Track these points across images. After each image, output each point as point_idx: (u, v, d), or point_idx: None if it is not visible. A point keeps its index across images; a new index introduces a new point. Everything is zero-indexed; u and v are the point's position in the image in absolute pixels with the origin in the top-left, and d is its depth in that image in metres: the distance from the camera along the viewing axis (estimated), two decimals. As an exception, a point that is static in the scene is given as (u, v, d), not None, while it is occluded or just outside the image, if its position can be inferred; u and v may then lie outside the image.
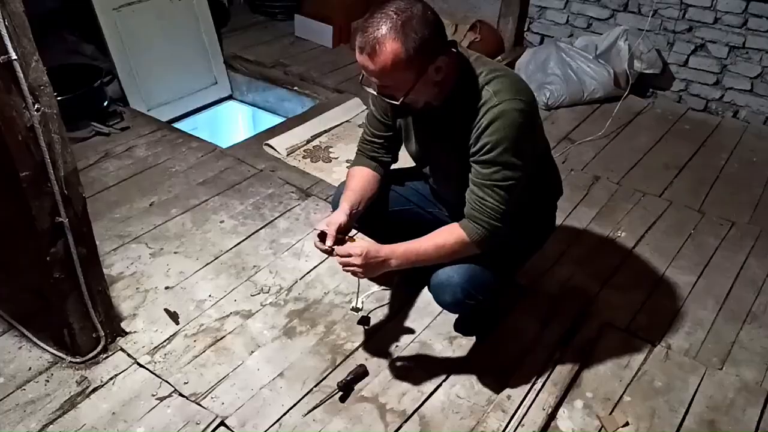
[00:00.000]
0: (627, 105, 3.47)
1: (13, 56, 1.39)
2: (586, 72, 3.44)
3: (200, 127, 3.73)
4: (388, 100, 1.50)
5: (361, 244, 1.62)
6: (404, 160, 1.89)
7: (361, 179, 1.82)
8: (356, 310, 1.82)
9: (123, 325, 2.01)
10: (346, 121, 3.26)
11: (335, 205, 1.98)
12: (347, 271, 1.62)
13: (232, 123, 4.03)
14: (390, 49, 1.38)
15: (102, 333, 1.89)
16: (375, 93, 1.53)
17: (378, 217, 1.87)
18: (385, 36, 1.38)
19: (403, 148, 1.86)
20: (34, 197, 1.58)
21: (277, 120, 3.55)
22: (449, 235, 1.60)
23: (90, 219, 1.75)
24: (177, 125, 3.46)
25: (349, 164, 2.86)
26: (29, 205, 1.58)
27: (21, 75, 1.42)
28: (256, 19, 4.46)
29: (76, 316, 1.83)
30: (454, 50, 1.50)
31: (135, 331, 2.00)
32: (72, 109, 2.86)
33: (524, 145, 1.53)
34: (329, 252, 1.64)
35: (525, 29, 4.00)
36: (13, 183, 1.55)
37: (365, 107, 3.39)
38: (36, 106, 1.49)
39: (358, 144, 1.90)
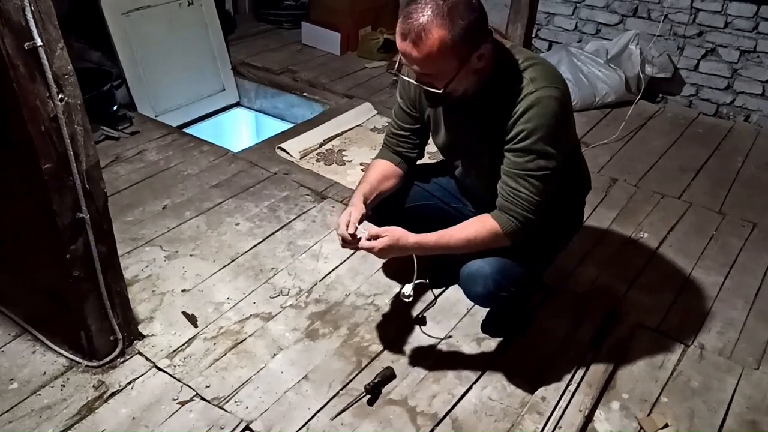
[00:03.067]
0: (638, 110, 3.45)
1: (39, 42, 1.35)
2: (597, 76, 3.42)
3: (208, 134, 3.68)
4: (428, 89, 1.46)
5: (392, 229, 1.57)
6: (428, 157, 1.86)
7: (379, 172, 1.79)
8: (407, 297, 1.75)
9: (140, 328, 1.95)
10: (358, 125, 3.23)
11: None
12: (364, 246, 1.59)
13: (240, 130, 3.99)
14: (436, 36, 1.35)
15: (120, 336, 1.83)
16: (414, 82, 1.49)
17: (392, 211, 1.82)
18: (430, 22, 1.34)
19: (430, 143, 1.82)
20: (56, 191, 1.53)
21: (286, 126, 3.50)
22: (481, 226, 1.56)
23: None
24: (186, 131, 3.41)
25: (363, 168, 2.82)
26: (50, 200, 1.53)
27: (46, 62, 1.38)
28: (262, 28, 4.44)
29: (94, 318, 1.77)
30: (491, 38, 1.47)
31: (153, 335, 1.93)
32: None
33: (559, 134, 1.50)
34: (356, 243, 1.59)
35: (533, 36, 3.98)
36: (34, 177, 1.50)
37: (376, 112, 3.36)
38: (60, 95, 1.44)
39: (384, 138, 1.86)
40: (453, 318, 2.03)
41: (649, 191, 2.79)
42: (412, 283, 1.72)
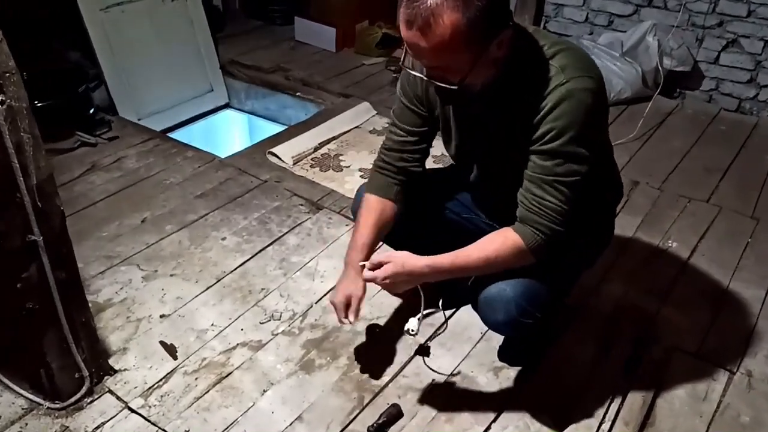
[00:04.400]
0: (655, 106, 3.21)
1: (-31, 34, 1.12)
2: (612, 71, 3.19)
3: (195, 138, 3.44)
4: (440, 85, 1.23)
5: (396, 254, 1.35)
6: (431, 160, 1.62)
7: (375, 224, 1.54)
8: (413, 333, 1.50)
9: (111, 361, 1.71)
10: (356, 127, 3.00)
11: (354, 212, 1.72)
12: (368, 277, 1.39)
13: (230, 133, 3.75)
14: (448, 22, 1.11)
15: (86, 373, 1.60)
16: (422, 76, 1.26)
17: (392, 228, 1.60)
18: (441, 5, 1.10)
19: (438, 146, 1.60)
20: (1, 210, 1.30)
21: (278, 129, 3.27)
22: (502, 242, 1.33)
23: (71, 238, 1.47)
24: (170, 136, 3.18)
25: (362, 174, 2.59)
26: (-6, 221, 1.30)
27: (-21, 58, 1.14)
28: (253, 24, 4.20)
29: (55, 354, 1.54)
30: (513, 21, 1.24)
31: (126, 369, 1.70)
32: (54, 117, 2.59)
33: (593, 132, 1.27)
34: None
35: (541, 28, 3.75)
36: (-26, 194, 1.27)
37: (375, 112, 3.13)
38: (0, 98, 1.20)
39: (378, 156, 1.62)
40: (466, 344, 1.80)
41: (674, 195, 2.56)
42: (419, 316, 1.48)
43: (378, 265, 1.35)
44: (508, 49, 1.23)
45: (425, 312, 1.49)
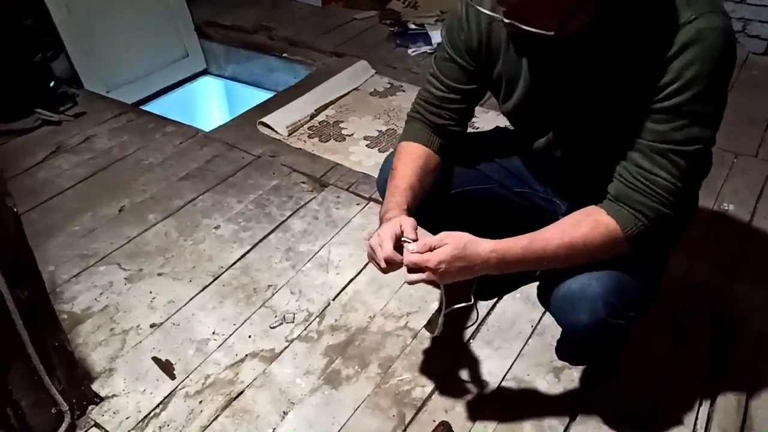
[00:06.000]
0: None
1: None
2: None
3: (172, 110, 3.09)
4: (528, 30, 0.91)
5: (454, 234, 1.05)
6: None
7: (417, 165, 1.24)
8: (432, 332, 1.21)
9: (96, 386, 1.42)
10: (355, 89, 2.67)
11: (381, 186, 1.42)
12: (411, 279, 1.07)
13: (211, 103, 3.41)
14: None
15: (65, 407, 1.30)
16: (501, 18, 0.95)
17: (429, 204, 1.28)
18: None
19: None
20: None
21: (266, 96, 2.93)
22: (592, 225, 1.04)
23: (37, 235, 1.16)
24: (145, 108, 2.83)
25: (369, 143, 2.28)
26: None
27: None
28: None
29: (23, 389, 1.23)
30: None
31: (114, 395, 1.41)
32: (8, 93, 2.24)
33: (723, 87, 0.98)
34: (401, 266, 1.07)
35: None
36: None
37: (374, 72, 2.79)
38: None
39: (414, 106, 1.32)
40: (515, 341, 1.53)
41: (719, 150, 2.29)
42: (443, 313, 1.18)
43: (430, 249, 1.05)
44: None
45: (456, 306, 1.17)
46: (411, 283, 1.07)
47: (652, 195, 1.00)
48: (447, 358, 1.49)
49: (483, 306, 1.61)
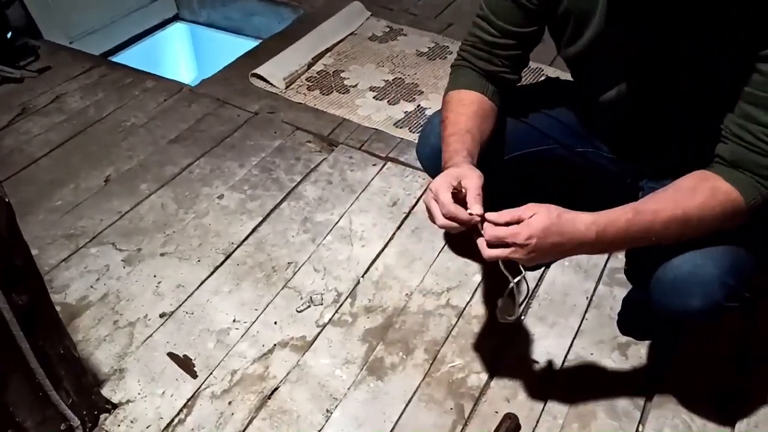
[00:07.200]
0: None
1: None
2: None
3: (142, 62, 2.79)
4: None
5: (542, 205, 0.88)
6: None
7: (473, 111, 1.07)
8: (508, 316, 1.03)
9: (106, 392, 1.24)
10: (352, 34, 2.43)
11: (426, 154, 1.25)
12: (492, 254, 0.89)
13: (184, 53, 3.10)
14: None
15: (76, 421, 1.12)
16: None
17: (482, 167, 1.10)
18: None
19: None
20: None
21: (249, 44, 2.66)
22: (710, 194, 0.89)
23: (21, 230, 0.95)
24: (115, 60, 2.54)
25: (376, 95, 2.07)
26: None
27: None
28: None
29: (27, 408, 1.04)
30: None
31: (128, 400, 1.23)
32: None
33: None
34: (468, 224, 0.90)
35: None
36: None
37: (370, 13, 2.55)
38: None
39: (459, 53, 1.13)
40: (572, 316, 1.39)
41: None
42: (511, 289, 0.98)
43: (515, 221, 0.88)
44: None
45: (516, 280, 0.98)
46: (490, 259, 0.90)
47: None
48: (498, 339, 1.35)
49: (530, 278, 1.47)
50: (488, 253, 0.89)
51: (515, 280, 0.95)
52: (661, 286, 0.98)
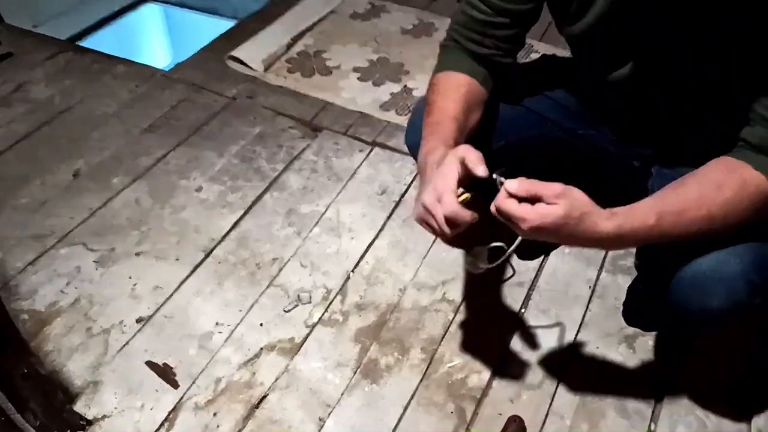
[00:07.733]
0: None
1: None
2: None
3: (112, 47, 2.65)
4: None
5: (572, 195, 0.77)
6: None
7: (463, 98, 0.97)
8: (477, 269, 0.91)
9: (80, 407, 1.15)
10: (331, 12, 2.31)
11: (416, 144, 1.15)
12: (493, 212, 0.79)
13: (158, 36, 2.96)
14: None
15: (47, 443, 1.03)
16: None
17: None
18: None
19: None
20: None
21: (225, 24, 2.54)
22: (739, 185, 0.80)
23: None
24: (83, 45, 2.41)
25: (360, 76, 1.97)
26: None
27: None
28: None
29: (-9, 433, 0.95)
30: None
31: (104, 416, 1.14)
32: None
33: None
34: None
35: None
36: None
37: (351, -9, 2.43)
38: None
39: (449, 32, 1.04)
40: (575, 306, 1.32)
41: None
42: (488, 247, 0.91)
43: (532, 199, 0.78)
44: None
45: (495, 245, 0.88)
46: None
47: None
48: (499, 334, 1.27)
49: (530, 267, 1.39)
50: (492, 209, 0.80)
51: (511, 249, 0.84)
52: (679, 284, 0.90)
